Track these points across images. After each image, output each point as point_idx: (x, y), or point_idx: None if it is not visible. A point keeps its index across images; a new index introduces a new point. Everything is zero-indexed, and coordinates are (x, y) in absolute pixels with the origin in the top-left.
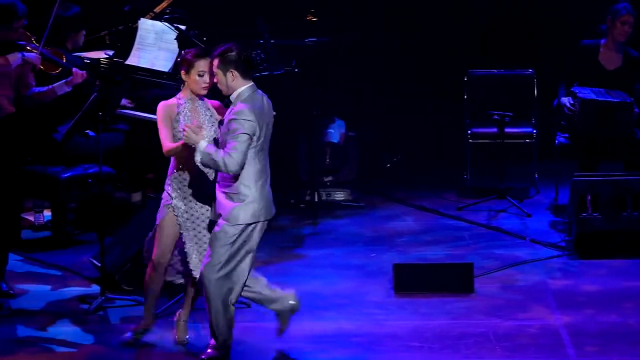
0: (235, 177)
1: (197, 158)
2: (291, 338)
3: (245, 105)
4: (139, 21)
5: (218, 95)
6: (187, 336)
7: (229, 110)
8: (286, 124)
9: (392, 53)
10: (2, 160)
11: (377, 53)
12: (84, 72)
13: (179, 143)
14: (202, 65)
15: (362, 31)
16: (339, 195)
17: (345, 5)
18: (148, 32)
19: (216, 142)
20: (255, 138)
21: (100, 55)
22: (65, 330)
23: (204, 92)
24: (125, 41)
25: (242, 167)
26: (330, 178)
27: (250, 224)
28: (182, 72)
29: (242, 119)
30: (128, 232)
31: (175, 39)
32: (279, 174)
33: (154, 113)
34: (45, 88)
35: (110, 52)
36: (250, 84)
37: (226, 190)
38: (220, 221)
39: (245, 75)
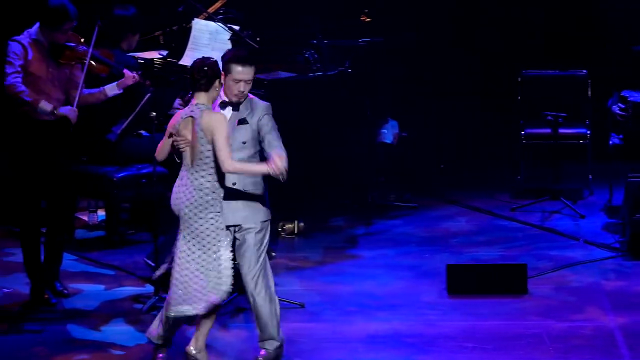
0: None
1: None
2: (344, 338)
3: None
4: (192, 21)
5: None
6: None
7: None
8: (339, 124)
9: (446, 53)
10: (56, 161)
11: (431, 53)
12: (135, 73)
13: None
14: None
15: (416, 31)
16: (393, 196)
17: (399, 5)
18: (202, 33)
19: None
20: None
21: (154, 55)
22: (119, 329)
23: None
24: (179, 41)
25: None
26: (383, 178)
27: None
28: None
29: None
30: None
31: (229, 39)
32: (333, 174)
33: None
34: (95, 90)
35: (164, 53)
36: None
37: (254, 191)
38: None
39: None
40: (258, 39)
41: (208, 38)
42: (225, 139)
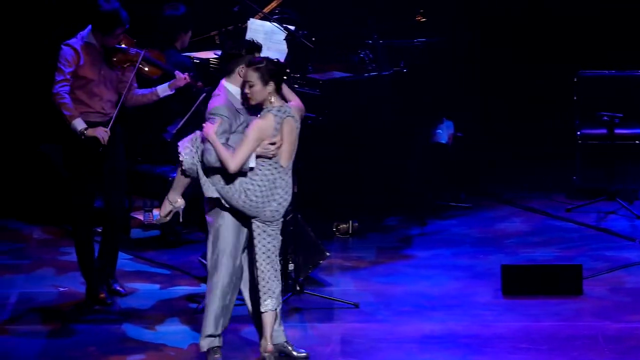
0: None
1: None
2: (399, 338)
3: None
4: (248, 21)
5: None
6: None
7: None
8: (394, 124)
9: (501, 52)
10: (113, 160)
11: (486, 53)
12: (186, 75)
13: None
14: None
15: (471, 31)
16: (447, 196)
17: (453, 5)
18: (257, 32)
19: None
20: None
21: (210, 55)
22: (173, 329)
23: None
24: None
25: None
26: (438, 179)
27: None
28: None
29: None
30: None
31: (284, 39)
32: (387, 175)
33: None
34: (148, 91)
35: (220, 53)
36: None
37: None
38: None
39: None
40: (313, 39)
41: (263, 38)
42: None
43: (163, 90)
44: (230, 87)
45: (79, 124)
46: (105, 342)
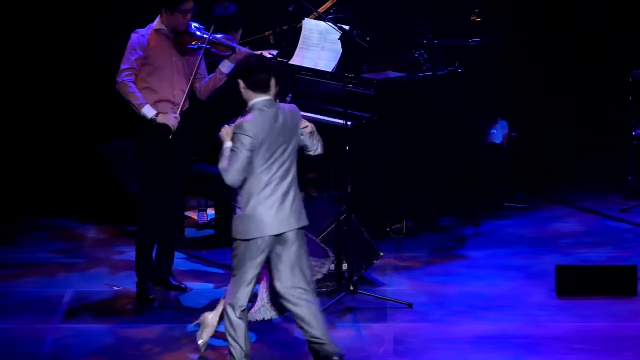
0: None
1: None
2: (452, 338)
3: (246, 120)
4: (303, 21)
5: None
6: None
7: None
8: (448, 124)
9: (556, 53)
10: (176, 159)
11: (540, 53)
12: (244, 48)
13: None
14: None
15: (526, 31)
16: (502, 196)
17: (508, 5)
18: (312, 32)
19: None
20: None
21: (265, 54)
22: None
23: None
24: (289, 41)
25: (239, 181)
26: (492, 178)
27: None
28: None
29: (238, 133)
30: None
31: (338, 38)
32: (442, 174)
33: (318, 112)
34: (211, 75)
35: (274, 52)
36: (266, 97)
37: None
38: None
39: (255, 90)
40: (368, 38)
41: (318, 38)
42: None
43: (224, 65)
44: None
45: (149, 110)
46: (159, 340)
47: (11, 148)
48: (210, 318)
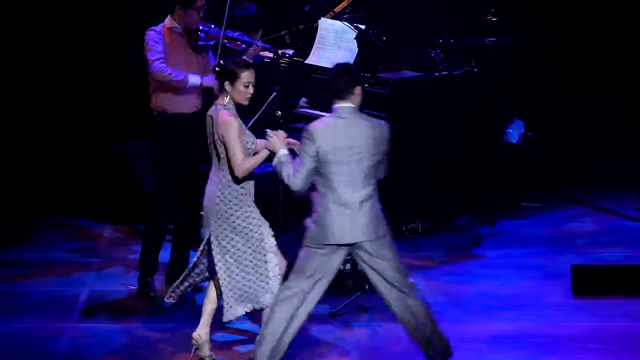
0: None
1: (274, 162)
2: (468, 338)
3: (316, 125)
4: (319, 20)
5: None
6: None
7: None
8: (465, 123)
9: (571, 52)
10: (192, 159)
11: (556, 52)
12: (260, 42)
13: (259, 156)
14: (247, 76)
15: (541, 31)
16: (516, 196)
17: (524, 5)
18: (328, 32)
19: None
20: (321, 161)
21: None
22: (242, 327)
23: (247, 102)
24: (305, 41)
25: (304, 187)
26: (508, 178)
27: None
28: (227, 83)
29: (305, 138)
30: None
31: (354, 38)
32: (458, 174)
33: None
34: None
35: (290, 52)
36: (344, 105)
37: None
38: None
39: (339, 95)
40: (384, 38)
41: (334, 37)
42: (236, 140)
43: None
44: None
45: (194, 78)
46: (174, 340)
47: (27, 147)
48: (198, 335)
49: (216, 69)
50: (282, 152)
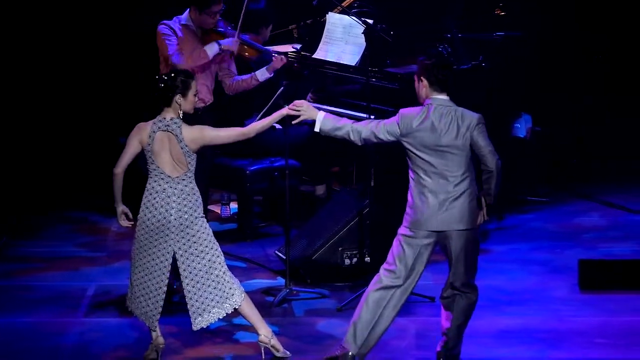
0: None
1: (318, 129)
2: (475, 332)
3: (407, 110)
4: (327, 15)
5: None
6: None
7: None
8: None
9: (579, 47)
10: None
11: (566, 46)
12: (283, 56)
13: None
14: (195, 84)
15: (550, 25)
16: (525, 190)
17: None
18: (336, 26)
19: None
20: (405, 142)
21: (288, 49)
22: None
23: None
24: (313, 35)
25: (364, 142)
26: (515, 172)
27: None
28: (178, 96)
29: (397, 115)
30: (313, 225)
31: (362, 33)
32: None
33: (341, 106)
34: (247, 76)
35: (298, 46)
36: (441, 96)
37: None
38: None
39: (435, 87)
40: (392, 32)
41: (342, 32)
42: (216, 130)
43: (262, 74)
44: None
45: (211, 48)
46: (181, 334)
47: (36, 142)
48: (264, 336)
49: (160, 84)
50: (320, 115)
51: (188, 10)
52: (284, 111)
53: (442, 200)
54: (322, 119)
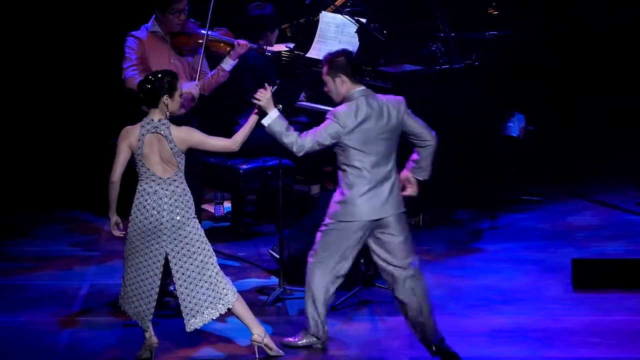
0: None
1: (267, 123)
2: (468, 332)
3: (339, 108)
4: (320, 14)
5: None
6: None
7: None
8: (465, 117)
9: (570, 46)
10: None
11: (558, 45)
12: (244, 40)
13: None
14: (180, 84)
15: (541, 24)
16: (518, 189)
17: None
18: (329, 25)
19: None
20: (344, 139)
21: (282, 48)
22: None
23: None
24: (306, 34)
25: (305, 153)
26: (508, 172)
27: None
28: (165, 97)
29: (331, 117)
30: (307, 224)
31: (355, 32)
32: (457, 167)
33: (333, 105)
34: (213, 71)
35: (291, 45)
36: (361, 87)
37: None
38: None
39: (352, 80)
40: (385, 31)
41: (335, 31)
42: (204, 135)
43: (226, 62)
44: None
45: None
46: (175, 334)
47: (28, 141)
48: (257, 335)
49: (147, 85)
50: (275, 112)
51: (153, 17)
52: (255, 115)
53: (383, 188)
54: (275, 118)
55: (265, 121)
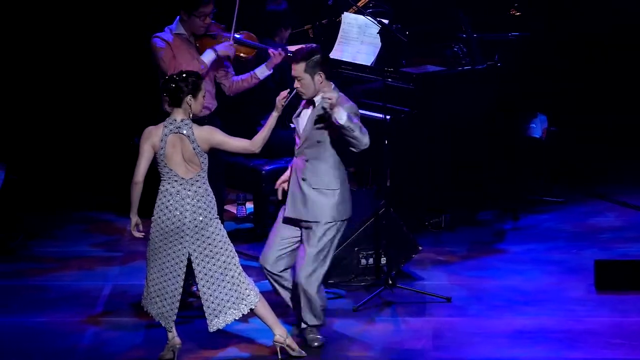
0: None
1: (344, 119)
2: (491, 333)
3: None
4: (342, 15)
5: None
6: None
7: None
8: (488, 118)
9: (594, 47)
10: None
11: (581, 47)
12: (280, 50)
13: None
14: (203, 84)
15: (565, 25)
16: (541, 191)
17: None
18: (351, 26)
19: None
20: None
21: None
22: None
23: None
24: (329, 35)
25: None
26: (531, 173)
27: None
28: (189, 97)
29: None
30: None
31: (378, 33)
32: (481, 168)
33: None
34: (246, 75)
35: (314, 46)
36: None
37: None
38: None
39: (327, 76)
40: (407, 32)
41: (357, 32)
42: (226, 135)
43: (262, 71)
44: None
45: (208, 55)
46: (197, 335)
47: (51, 142)
48: (279, 335)
49: (171, 85)
50: (344, 112)
51: (178, 17)
52: (275, 114)
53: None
54: (345, 115)
55: (340, 120)
